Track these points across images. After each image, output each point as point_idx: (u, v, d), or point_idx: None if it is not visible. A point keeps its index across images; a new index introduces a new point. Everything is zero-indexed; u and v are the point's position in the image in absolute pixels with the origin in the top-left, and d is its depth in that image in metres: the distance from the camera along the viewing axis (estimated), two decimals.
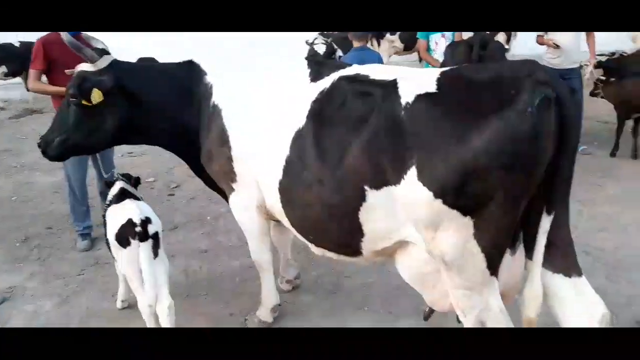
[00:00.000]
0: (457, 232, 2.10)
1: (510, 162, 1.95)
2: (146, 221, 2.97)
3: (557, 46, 6.42)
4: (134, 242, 2.94)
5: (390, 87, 2.26)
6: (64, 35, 3.11)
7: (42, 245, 4.84)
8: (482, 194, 2.01)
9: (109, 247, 3.24)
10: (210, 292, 3.96)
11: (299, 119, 2.57)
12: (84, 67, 3.11)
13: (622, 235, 4.52)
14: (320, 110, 2.51)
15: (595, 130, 7.53)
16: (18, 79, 10.79)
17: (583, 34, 6.55)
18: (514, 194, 2.02)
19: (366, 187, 2.28)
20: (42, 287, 4.12)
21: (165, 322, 3.00)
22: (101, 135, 3.18)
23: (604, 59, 6.77)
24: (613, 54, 7.27)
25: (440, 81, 2.18)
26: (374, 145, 2.23)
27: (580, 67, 6.84)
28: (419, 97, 2.15)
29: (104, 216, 3.36)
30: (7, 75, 10.53)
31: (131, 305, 3.65)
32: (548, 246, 2.17)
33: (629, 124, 6.60)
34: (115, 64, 3.14)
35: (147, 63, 3.46)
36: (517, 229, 2.20)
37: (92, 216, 4.90)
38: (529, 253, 2.23)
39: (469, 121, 2.00)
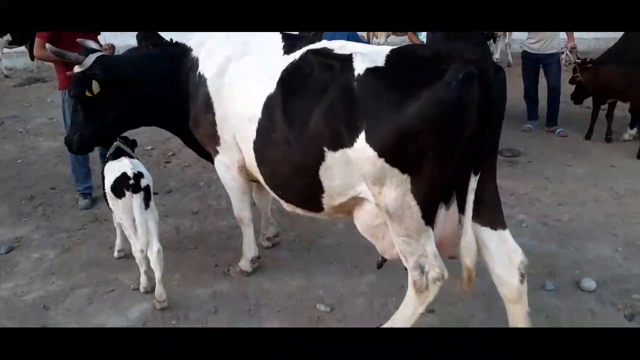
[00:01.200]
0: (397, 188, 2.47)
1: (437, 127, 2.31)
2: (139, 175, 3.37)
3: None
4: (128, 194, 3.34)
5: (347, 61, 2.61)
6: (48, 47, 3.52)
7: (46, 203, 5.25)
8: (415, 154, 2.38)
9: (106, 200, 3.64)
10: (198, 246, 4.36)
11: (271, 86, 2.93)
12: (76, 69, 3.48)
13: (579, 209, 4.90)
14: (289, 79, 2.87)
15: (574, 114, 7.83)
16: (22, 48, 11.13)
17: None
18: (442, 154, 2.38)
19: (325, 148, 2.65)
20: (46, 239, 4.54)
21: (155, 265, 3.41)
22: (108, 124, 3.59)
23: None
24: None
25: (389, 57, 2.54)
26: (331, 112, 2.59)
27: (561, 52, 7.16)
28: (368, 70, 2.51)
29: (102, 172, 3.75)
30: (12, 43, 10.89)
31: (127, 255, 4.06)
32: (477, 203, 2.53)
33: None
34: (101, 58, 3.48)
35: (130, 53, 3.85)
36: (450, 187, 2.58)
37: (93, 178, 5.30)
38: (462, 209, 2.61)
39: (406, 91, 2.36)
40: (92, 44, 3.72)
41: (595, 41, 12.71)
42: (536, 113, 7.49)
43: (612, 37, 10.01)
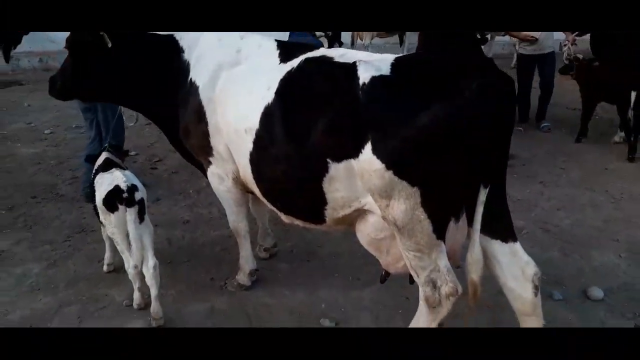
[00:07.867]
0: (406, 201, 2.35)
1: (451, 138, 2.22)
2: (132, 188, 3.20)
3: (536, 39, 6.73)
4: (122, 207, 3.17)
5: (350, 69, 2.49)
6: None
7: (27, 213, 4.99)
8: (425, 166, 2.28)
9: (97, 213, 3.46)
10: (192, 259, 4.19)
11: (268, 96, 2.78)
12: None
13: (578, 214, 4.86)
14: (288, 89, 2.73)
15: (565, 116, 7.85)
16: None
17: None
18: (454, 167, 2.28)
19: (328, 160, 2.52)
20: (30, 252, 4.30)
21: (151, 281, 3.25)
22: (87, 83, 3.46)
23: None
24: None
25: (394, 65, 2.43)
26: (335, 122, 2.46)
27: (564, 44, 7.09)
28: (374, 79, 2.39)
29: (91, 183, 3.57)
30: None
31: (116, 269, 3.88)
32: (486, 216, 2.44)
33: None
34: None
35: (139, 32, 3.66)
36: (461, 200, 2.48)
37: (75, 185, 5.14)
38: (471, 222, 2.50)
39: (415, 101, 2.25)
40: None
41: None
42: (527, 114, 7.47)
43: None
